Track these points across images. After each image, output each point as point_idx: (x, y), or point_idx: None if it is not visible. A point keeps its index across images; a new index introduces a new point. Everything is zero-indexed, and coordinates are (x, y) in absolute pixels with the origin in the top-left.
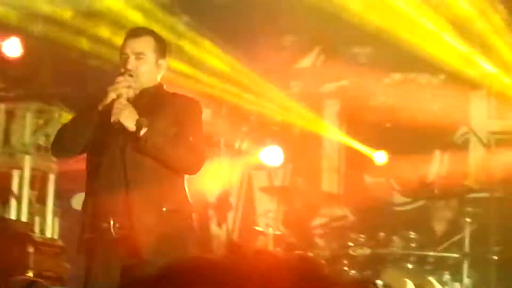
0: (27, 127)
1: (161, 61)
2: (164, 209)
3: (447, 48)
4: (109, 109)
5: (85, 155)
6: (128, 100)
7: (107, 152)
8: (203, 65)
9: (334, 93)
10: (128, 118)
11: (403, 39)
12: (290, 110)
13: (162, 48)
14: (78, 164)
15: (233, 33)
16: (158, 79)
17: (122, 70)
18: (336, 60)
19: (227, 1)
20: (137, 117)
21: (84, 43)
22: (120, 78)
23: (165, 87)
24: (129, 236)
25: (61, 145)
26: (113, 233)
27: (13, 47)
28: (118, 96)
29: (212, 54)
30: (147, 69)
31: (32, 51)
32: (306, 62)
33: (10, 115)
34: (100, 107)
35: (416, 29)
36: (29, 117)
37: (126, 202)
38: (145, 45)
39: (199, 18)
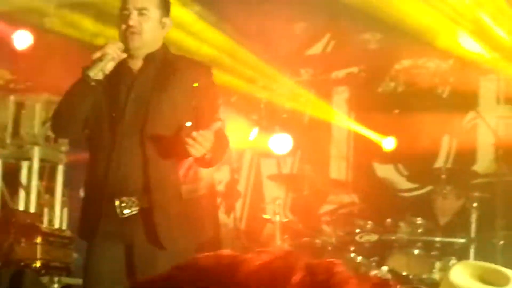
0: (36, 118)
1: (165, 19)
2: (183, 189)
3: (456, 33)
4: (112, 79)
5: None
6: (133, 70)
7: (116, 128)
8: (213, 53)
9: (343, 80)
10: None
11: (413, 24)
12: (299, 97)
13: (166, 5)
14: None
15: (244, 21)
16: (162, 40)
17: (124, 26)
18: (346, 46)
19: None
20: (205, 150)
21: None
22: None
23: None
24: (145, 216)
25: (58, 122)
26: (120, 213)
27: (22, 40)
28: (103, 56)
29: (222, 43)
30: (151, 26)
31: (42, 43)
32: (316, 49)
33: (19, 106)
34: (92, 73)
35: (426, 15)
36: (38, 108)
37: (143, 180)
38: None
39: (209, 7)
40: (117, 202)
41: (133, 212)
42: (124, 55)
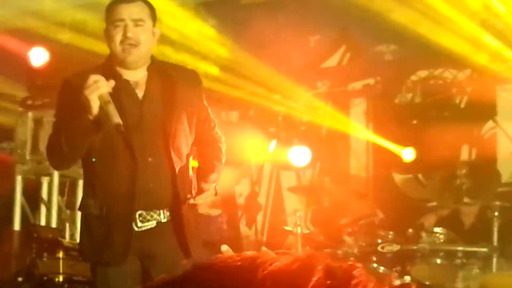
0: None
1: (155, 29)
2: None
3: (473, 42)
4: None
5: None
6: (131, 82)
7: (134, 145)
8: (230, 67)
9: (360, 91)
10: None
11: (428, 35)
12: (317, 109)
13: (155, 14)
14: None
15: (259, 35)
16: (152, 49)
17: (119, 39)
18: (361, 58)
19: (253, 2)
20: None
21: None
22: (95, 77)
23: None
24: (170, 227)
25: (59, 158)
26: (137, 226)
27: (39, 56)
28: (102, 97)
29: (238, 57)
30: (147, 38)
31: (58, 59)
32: (332, 61)
33: (37, 123)
34: (90, 117)
35: (441, 24)
36: None
37: (172, 193)
38: (142, 10)
39: (225, 20)
40: (138, 216)
41: (152, 226)
42: (112, 83)
